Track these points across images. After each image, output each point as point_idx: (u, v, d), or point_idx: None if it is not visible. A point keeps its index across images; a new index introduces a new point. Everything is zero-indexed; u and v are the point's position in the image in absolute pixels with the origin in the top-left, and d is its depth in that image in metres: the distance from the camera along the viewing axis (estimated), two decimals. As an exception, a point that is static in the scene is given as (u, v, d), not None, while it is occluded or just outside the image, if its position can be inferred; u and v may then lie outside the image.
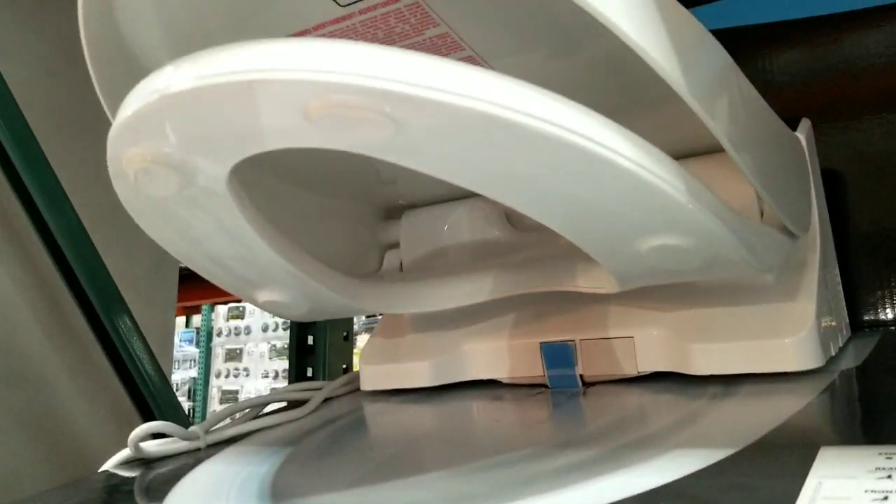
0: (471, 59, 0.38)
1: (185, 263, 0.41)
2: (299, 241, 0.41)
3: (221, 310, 3.52)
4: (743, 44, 0.61)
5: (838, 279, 0.47)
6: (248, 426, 0.47)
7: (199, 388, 3.51)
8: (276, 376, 3.25)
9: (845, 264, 0.49)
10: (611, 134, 0.28)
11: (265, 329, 3.35)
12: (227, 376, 3.45)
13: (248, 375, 3.39)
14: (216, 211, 0.35)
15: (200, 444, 0.44)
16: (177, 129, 0.30)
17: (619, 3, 0.27)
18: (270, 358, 3.34)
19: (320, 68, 0.26)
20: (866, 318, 0.51)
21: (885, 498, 0.24)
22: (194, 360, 3.62)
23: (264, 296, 0.44)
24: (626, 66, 0.30)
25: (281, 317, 0.48)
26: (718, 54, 0.34)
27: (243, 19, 0.37)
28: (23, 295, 0.73)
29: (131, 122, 0.29)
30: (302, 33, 0.36)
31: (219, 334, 3.53)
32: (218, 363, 3.50)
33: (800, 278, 0.42)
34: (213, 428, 0.47)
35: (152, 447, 0.43)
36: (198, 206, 0.34)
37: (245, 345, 3.43)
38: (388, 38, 0.35)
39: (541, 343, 0.47)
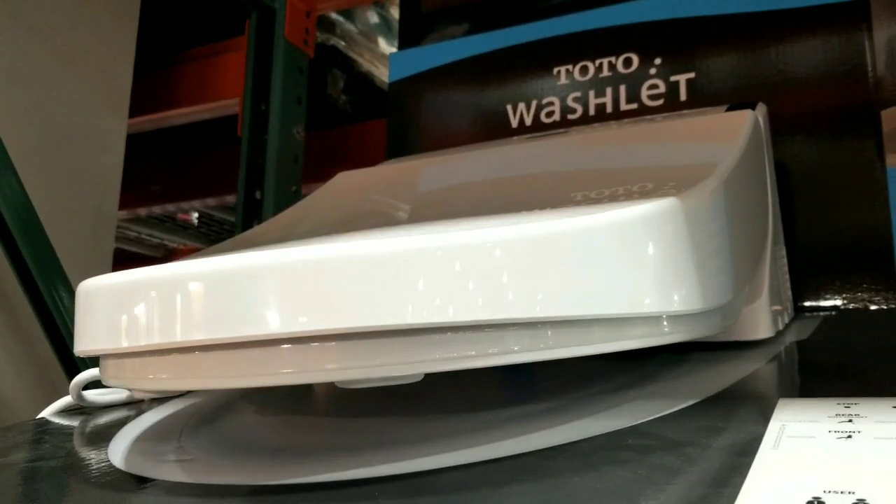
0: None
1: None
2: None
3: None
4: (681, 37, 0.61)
5: (785, 259, 0.48)
6: (194, 381, 0.46)
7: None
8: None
9: (790, 255, 0.50)
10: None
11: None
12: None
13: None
14: None
15: (144, 395, 0.43)
16: None
17: None
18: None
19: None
20: (808, 304, 0.53)
21: (849, 436, 0.25)
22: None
23: None
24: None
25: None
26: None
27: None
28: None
29: None
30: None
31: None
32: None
33: (753, 252, 0.43)
34: (157, 382, 0.45)
35: (95, 395, 0.42)
36: None
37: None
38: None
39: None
